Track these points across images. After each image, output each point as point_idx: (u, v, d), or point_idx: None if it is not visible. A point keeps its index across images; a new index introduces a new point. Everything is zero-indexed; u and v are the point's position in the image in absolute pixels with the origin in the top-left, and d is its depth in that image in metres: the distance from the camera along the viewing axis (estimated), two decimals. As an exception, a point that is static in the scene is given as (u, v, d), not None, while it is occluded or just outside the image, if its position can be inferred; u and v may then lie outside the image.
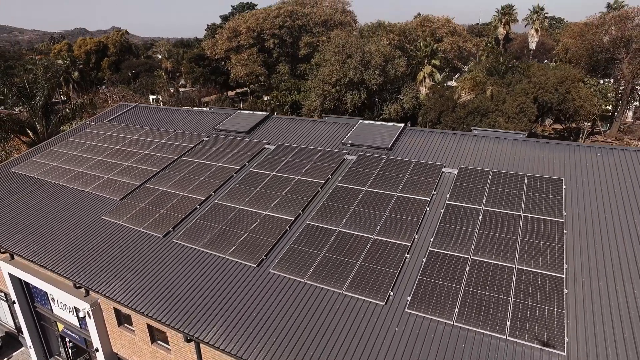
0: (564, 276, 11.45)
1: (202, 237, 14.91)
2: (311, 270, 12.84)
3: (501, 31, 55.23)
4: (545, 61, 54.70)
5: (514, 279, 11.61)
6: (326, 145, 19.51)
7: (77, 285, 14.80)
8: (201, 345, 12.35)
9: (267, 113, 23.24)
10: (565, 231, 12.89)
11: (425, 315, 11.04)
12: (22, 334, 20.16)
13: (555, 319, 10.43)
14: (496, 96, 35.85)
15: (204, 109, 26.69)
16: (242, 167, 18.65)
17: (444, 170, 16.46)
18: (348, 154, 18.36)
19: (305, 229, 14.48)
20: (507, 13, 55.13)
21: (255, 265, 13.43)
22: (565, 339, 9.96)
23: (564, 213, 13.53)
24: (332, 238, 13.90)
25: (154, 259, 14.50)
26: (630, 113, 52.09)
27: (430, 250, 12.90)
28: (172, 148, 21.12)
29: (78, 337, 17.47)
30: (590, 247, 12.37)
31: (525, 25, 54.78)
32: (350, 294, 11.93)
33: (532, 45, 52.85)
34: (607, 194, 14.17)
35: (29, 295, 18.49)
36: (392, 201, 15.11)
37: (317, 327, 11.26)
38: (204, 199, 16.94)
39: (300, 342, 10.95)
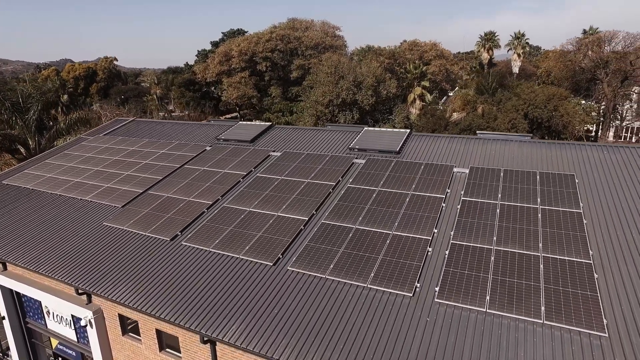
0: (591, 262, 11.28)
1: (213, 238, 14.37)
2: (332, 266, 12.39)
3: (485, 56, 57.27)
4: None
5: (541, 266, 11.39)
6: (333, 151, 19.38)
7: (80, 292, 13.97)
8: (217, 347, 11.64)
9: (270, 123, 23.15)
10: (585, 221, 12.83)
11: (457, 304, 10.66)
12: (9, 356, 18.85)
13: (590, 302, 10.18)
14: (487, 113, 36.64)
15: (203, 122, 26.45)
16: (248, 172, 18.31)
17: (455, 170, 16.43)
18: (356, 158, 18.23)
19: (320, 227, 14.10)
20: (489, 39, 57.38)
21: (272, 264, 12.92)
22: (605, 321, 9.69)
23: (581, 204, 13.52)
24: (350, 235, 13.54)
25: (162, 261, 13.84)
26: (611, 133, 53.85)
27: (452, 242, 12.64)
28: (174, 157, 20.69)
29: (74, 353, 16.38)
30: (613, 235, 12.31)
31: (508, 50, 57.02)
32: (376, 287, 11.49)
33: (515, 69, 54.79)
34: (619, 187, 14.27)
35: (20, 310, 17.38)
36: (407, 200, 14.91)
37: (343, 321, 10.74)
38: (211, 203, 16.46)
39: (328, 337, 10.40)
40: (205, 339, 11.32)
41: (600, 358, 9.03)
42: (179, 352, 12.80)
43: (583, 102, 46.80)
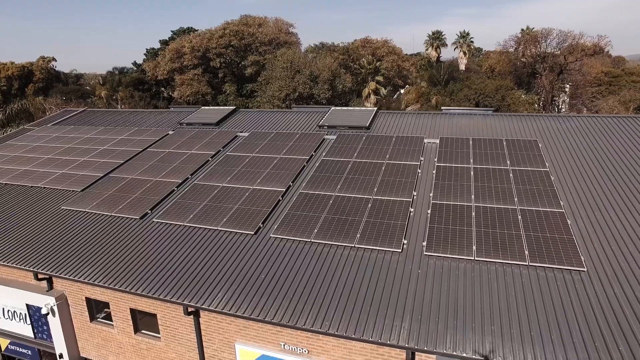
0: (563, 211, 11.87)
1: (187, 214, 13.69)
2: (316, 231, 12.17)
3: (433, 54, 59.55)
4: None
5: (519, 217, 11.83)
6: (302, 129, 19.20)
7: (40, 277, 12.78)
8: (201, 319, 11.03)
9: (234, 107, 22.59)
10: (552, 177, 13.51)
11: (445, 255, 10.80)
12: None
13: (567, 244, 10.67)
14: (440, 104, 37.99)
15: (162, 109, 25.32)
16: (217, 152, 17.70)
17: (425, 141, 16.78)
18: (327, 135, 18.16)
19: (299, 197, 13.85)
20: (437, 38, 59.78)
21: (253, 233, 12.49)
22: (582, 258, 10.19)
23: (547, 164, 14.23)
24: (330, 202, 13.39)
25: (133, 239, 12.98)
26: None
27: (433, 202, 12.84)
28: (135, 142, 19.61)
29: (29, 352, 14.93)
30: (578, 188, 13.03)
31: (455, 49, 59.71)
32: (363, 246, 11.41)
33: (462, 67, 57.37)
34: (578, 149, 15.18)
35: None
36: (383, 168, 15.01)
37: (334, 280, 10.53)
38: (180, 181, 15.72)
39: (321, 296, 10.15)
40: (189, 310, 10.69)
41: (582, 289, 9.47)
42: (157, 332, 12.01)
43: (523, 96, 49.87)
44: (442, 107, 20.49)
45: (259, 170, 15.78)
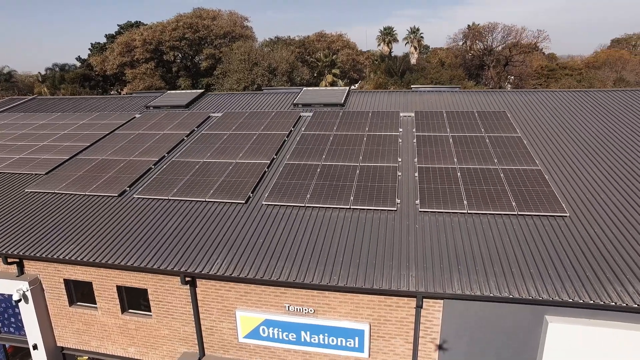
0: (540, 168, 12.64)
1: (170, 188, 13.16)
2: (309, 196, 12.14)
3: (385, 49, 61.12)
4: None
5: (502, 175, 12.45)
6: (277, 108, 19.05)
7: (9, 261, 11.77)
8: (198, 289, 10.65)
9: (202, 90, 21.98)
10: (525, 141, 14.33)
11: (439, 211, 11.15)
12: None
13: (548, 195, 11.38)
14: (399, 94, 39.05)
15: (123, 95, 24.11)
16: (191, 132, 17.15)
17: (401, 114, 17.22)
18: (303, 112, 18.15)
19: (286, 167, 13.74)
20: (388, 33, 61.42)
21: (243, 202, 12.24)
22: (563, 205, 10.91)
23: (518, 131, 15.07)
24: (318, 170, 13.40)
25: (114, 216, 12.29)
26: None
27: (419, 166, 13.20)
28: (100, 126, 18.56)
29: (-4, 350, 13.71)
30: (548, 150, 13.92)
31: (406, 44, 61.61)
32: (358, 207, 11.52)
33: (413, 61, 59.32)
34: (542, 118, 16.21)
35: None
36: (364, 139, 15.23)
37: (335, 238, 10.53)
38: (157, 159, 15.08)
39: (324, 253, 10.12)
40: (187, 279, 10.28)
41: (567, 231, 10.14)
42: (147, 309, 11.45)
43: (473, 87, 52.37)
44: (411, 86, 21.10)
45: (239, 145, 15.49)
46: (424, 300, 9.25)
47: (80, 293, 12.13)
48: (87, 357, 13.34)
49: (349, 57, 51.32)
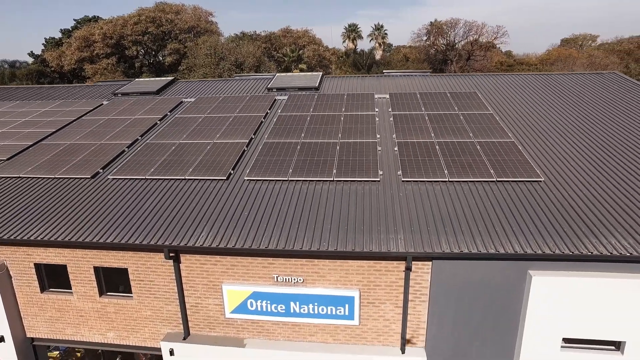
0: (513, 140, 13.13)
1: (147, 168, 12.75)
2: (291, 171, 12.06)
3: (350, 45, 61.78)
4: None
5: (478, 147, 12.83)
6: (251, 93, 18.85)
7: (-25, 246, 11.03)
8: (182, 265, 10.35)
9: (173, 77, 21.44)
10: (497, 117, 14.84)
11: (421, 180, 11.36)
12: None
13: (523, 163, 11.84)
14: (367, 87, 39.51)
15: (88, 84, 23.14)
16: (164, 116, 16.68)
17: (376, 96, 17.44)
18: (278, 96, 18.04)
19: (265, 145, 13.61)
20: (353, 30, 62.14)
21: (225, 178, 12.02)
22: (538, 171, 11.39)
23: (489, 109, 15.59)
24: (299, 147, 13.36)
25: (88, 196, 11.77)
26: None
27: (398, 141, 13.40)
28: (65, 112, 17.73)
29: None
30: (519, 125, 14.48)
31: (370, 40, 62.53)
32: (342, 179, 11.56)
33: (378, 57, 60.28)
34: (511, 98, 16.86)
35: None
36: (342, 118, 15.31)
37: (321, 208, 10.49)
38: (130, 142, 14.56)
39: (312, 221, 10.06)
40: (171, 254, 9.96)
41: (543, 193, 10.58)
42: (128, 290, 11.01)
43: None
44: (383, 71, 21.41)
45: (216, 127, 15.21)
46: (413, 263, 9.39)
47: (52, 278, 11.51)
48: (57, 354, 12.71)
49: (315, 52, 51.49)
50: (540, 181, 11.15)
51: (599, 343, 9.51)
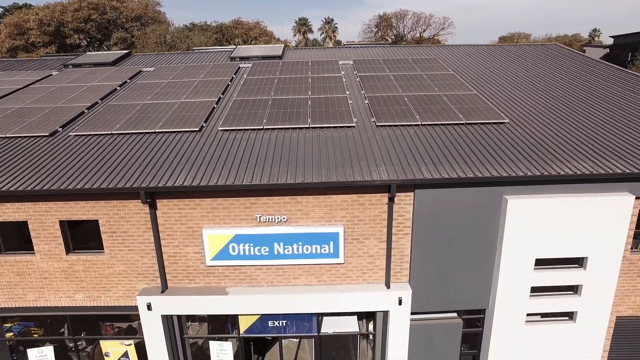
0: (476, 92, 13.78)
1: (112, 124, 12.13)
2: (265, 120, 11.95)
3: (301, 38, 62.04)
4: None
5: (445, 98, 13.35)
6: (213, 62, 18.45)
7: None
8: (159, 212, 9.92)
9: (128, 51, 20.53)
10: (458, 76, 15.51)
11: (394, 124, 11.65)
12: None
13: (488, 109, 12.47)
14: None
15: (33, 58, 21.61)
16: (124, 82, 15.94)
17: (340, 62, 17.66)
18: (242, 64, 17.79)
19: (235, 102, 13.38)
20: (304, 24, 62.47)
21: (197, 129, 11.70)
22: (502, 114, 12.06)
23: (450, 70, 16.26)
24: (270, 102, 13.26)
25: (49, 152, 11.00)
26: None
27: (368, 95, 13.65)
28: (10, 82, 16.46)
29: None
30: (479, 81, 15.22)
31: (321, 34, 63.13)
32: (318, 125, 11.61)
33: (330, 51, 61.07)
34: (469, 64, 17.69)
35: None
36: (310, 80, 15.36)
37: (300, 148, 10.45)
38: (90, 104, 13.79)
39: (293, 159, 10.03)
40: (147, 199, 9.51)
41: (508, 131, 11.22)
42: (99, 247, 10.38)
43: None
44: (344, 43, 21.74)
45: (181, 90, 14.75)
46: (396, 195, 9.57)
47: (9, 238, 10.63)
48: (12, 335, 11.75)
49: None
50: (505, 122, 11.80)
51: (565, 262, 10.20)
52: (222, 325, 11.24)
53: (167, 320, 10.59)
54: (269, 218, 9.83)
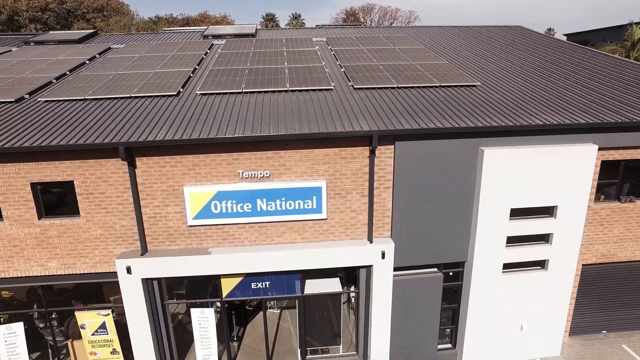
0: (446, 62, 14.25)
1: (84, 91, 11.77)
2: (244, 85, 11.92)
3: (270, 35, 62.01)
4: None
5: (418, 66, 13.73)
6: (186, 39, 18.19)
7: None
8: (138, 170, 9.70)
9: (94, 30, 19.92)
10: (428, 50, 15.98)
11: (371, 87, 11.90)
12: None
13: (460, 75, 12.94)
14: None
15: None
16: (92, 57, 15.47)
17: (314, 39, 17.81)
18: (215, 41, 17.64)
19: (211, 72, 13.27)
20: (271, 19, 62.32)
21: (175, 94, 11.54)
22: (474, 79, 12.53)
23: (421, 45, 16.73)
24: (247, 71, 13.23)
25: (16, 116, 10.55)
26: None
27: (344, 65, 13.85)
28: (-33, 56, 15.64)
29: None
30: (449, 56, 15.74)
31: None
32: (296, 89, 11.70)
33: (298, 47, 61.25)
34: (436, 41, 18.24)
35: None
36: (285, 54, 15.42)
37: (280, 108, 10.50)
38: (58, 75, 13.31)
39: (274, 116, 10.04)
40: (126, 156, 9.28)
41: (479, 93, 11.70)
42: (74, 208, 10.02)
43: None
44: (315, 24, 21.92)
45: (155, 62, 14.48)
46: (376, 149, 9.77)
47: (-21, 205, 10.11)
48: None
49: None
50: (477, 84, 12.27)
51: (537, 212, 10.70)
52: (202, 296, 11.09)
53: (147, 284, 10.36)
54: (251, 174, 9.81)
